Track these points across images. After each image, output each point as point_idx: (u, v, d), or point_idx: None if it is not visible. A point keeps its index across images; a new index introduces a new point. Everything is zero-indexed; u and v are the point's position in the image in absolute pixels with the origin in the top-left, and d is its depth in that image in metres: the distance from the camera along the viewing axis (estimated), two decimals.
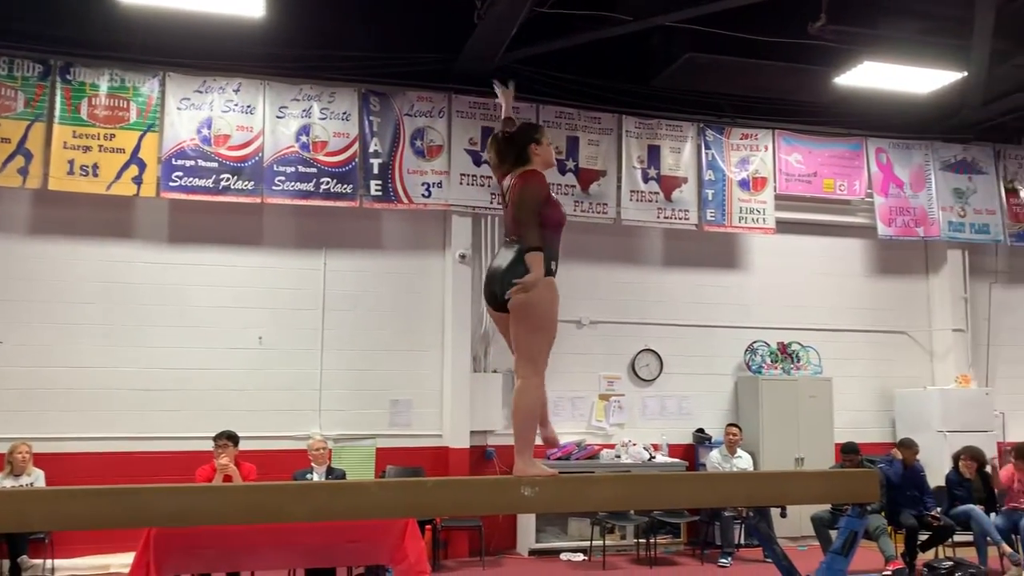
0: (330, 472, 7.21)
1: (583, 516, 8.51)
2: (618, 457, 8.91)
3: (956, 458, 8.34)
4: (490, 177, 8.82)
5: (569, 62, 9.00)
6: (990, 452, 8.90)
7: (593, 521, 8.35)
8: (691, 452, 9.42)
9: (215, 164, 8.10)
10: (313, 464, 7.18)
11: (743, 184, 9.63)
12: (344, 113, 8.51)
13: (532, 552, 8.54)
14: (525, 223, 3.69)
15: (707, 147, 9.59)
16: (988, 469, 8.31)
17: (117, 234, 8.19)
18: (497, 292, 3.77)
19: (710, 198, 9.51)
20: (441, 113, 8.80)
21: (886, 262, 10.43)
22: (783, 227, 9.76)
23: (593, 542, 8.35)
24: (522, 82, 8.87)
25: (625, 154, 9.29)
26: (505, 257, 3.78)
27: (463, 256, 8.80)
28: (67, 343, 7.94)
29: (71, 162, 7.76)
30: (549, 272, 3.74)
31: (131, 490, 3.49)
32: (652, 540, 8.37)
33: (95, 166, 7.81)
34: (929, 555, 7.95)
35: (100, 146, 7.85)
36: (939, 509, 7.98)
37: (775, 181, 9.72)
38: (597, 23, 8.36)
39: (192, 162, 8.05)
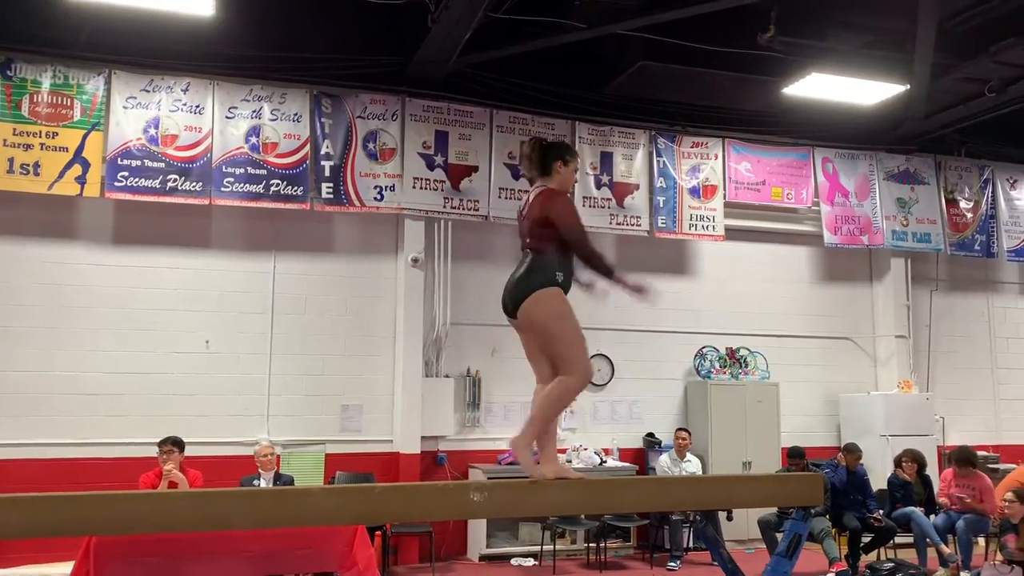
0: (278, 478, 7.12)
1: (534, 521, 8.53)
2: (569, 462, 8.92)
3: (898, 461, 8.54)
4: (443, 181, 8.82)
5: (523, 68, 9.03)
6: (930, 456, 9.13)
7: (544, 526, 8.36)
8: (641, 456, 9.50)
9: (162, 164, 7.94)
10: (260, 470, 7.08)
11: (693, 192, 9.76)
12: (295, 114, 8.41)
13: (483, 557, 8.52)
14: (579, 243, 4.02)
15: (659, 154, 9.70)
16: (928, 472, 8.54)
17: (59, 235, 7.98)
18: (507, 301, 4.05)
19: (661, 205, 9.61)
20: (394, 116, 8.75)
21: (832, 269, 10.65)
22: (732, 234, 9.90)
23: (543, 547, 8.36)
24: (476, 87, 8.98)
25: (579, 160, 9.33)
26: (519, 268, 4.05)
27: (415, 260, 8.76)
28: (5, 346, 7.71)
29: (11, 160, 7.53)
30: (556, 283, 3.94)
31: (70, 497, 3.41)
32: (602, 544, 8.41)
33: (36, 165, 7.60)
34: (872, 557, 8.12)
35: (42, 144, 7.65)
36: (881, 511, 8.16)
37: (725, 189, 9.86)
38: (551, 30, 8.41)
39: (138, 162, 7.88)
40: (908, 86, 9.04)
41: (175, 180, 7.95)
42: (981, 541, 8.36)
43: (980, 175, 11.03)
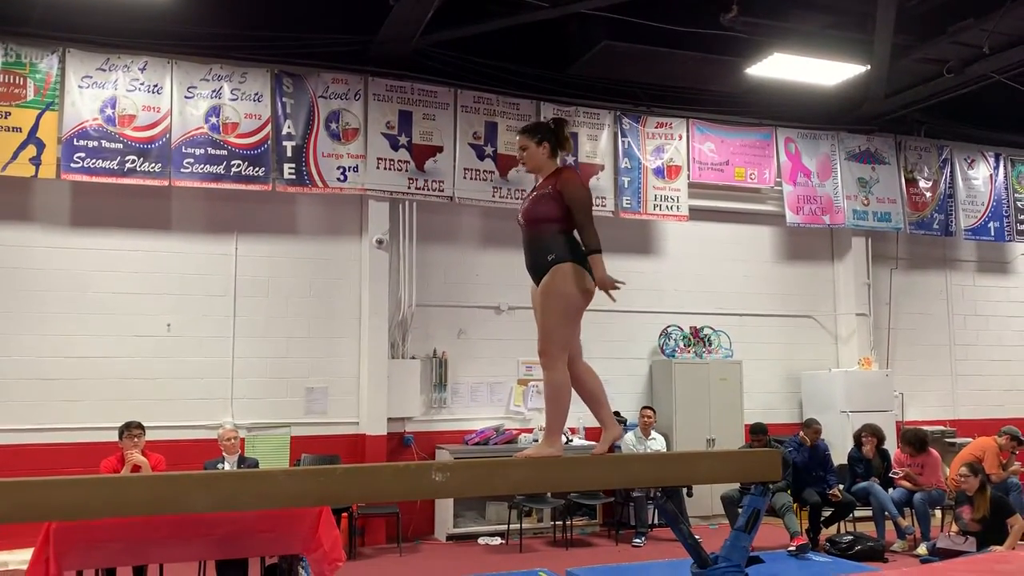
0: (242, 461, 7.06)
1: (501, 500, 8.57)
2: (536, 441, 8.97)
3: (858, 436, 8.67)
4: (407, 162, 8.77)
5: (487, 47, 8.98)
6: (889, 431, 9.31)
7: (511, 505, 8.42)
8: None
9: (120, 145, 7.80)
10: (224, 454, 7.01)
11: (658, 172, 9.80)
12: (256, 94, 8.30)
13: (450, 537, 8.56)
14: (583, 225, 4.04)
15: (623, 135, 9.72)
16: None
17: (14, 217, 7.82)
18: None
19: (626, 185, 9.64)
20: (357, 96, 8.67)
21: (794, 249, 10.77)
22: (696, 214, 9.97)
23: (510, 525, 8.42)
24: (439, 66, 8.92)
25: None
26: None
27: (380, 241, 8.71)
28: None
29: None
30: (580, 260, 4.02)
31: (26, 483, 3.36)
32: (568, 522, 8.50)
33: None
34: (832, 531, 8.28)
35: None
36: (841, 486, 8.31)
37: (689, 169, 9.91)
38: (514, 8, 8.36)
39: (95, 143, 7.74)
40: (869, 66, 9.12)
41: (133, 161, 7.82)
42: (938, 513, 8.56)
43: (939, 155, 11.19)
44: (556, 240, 4.05)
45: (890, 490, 8.30)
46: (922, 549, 7.68)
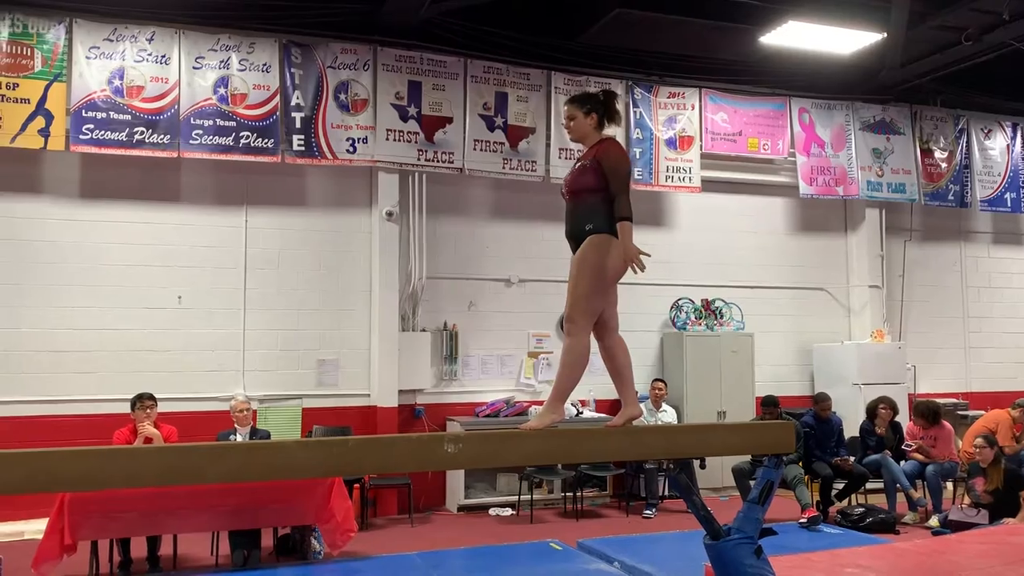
0: (254, 433, 7.08)
1: (511, 471, 8.60)
2: None
3: (873, 408, 8.58)
4: (417, 133, 8.70)
5: (497, 16, 8.86)
6: (902, 404, 9.27)
7: (521, 476, 8.44)
8: (618, 407, 9.49)
9: (128, 116, 7.76)
10: (236, 425, 7.04)
11: (670, 143, 9.69)
12: (264, 65, 8.23)
13: (461, 508, 8.60)
14: (617, 195, 4.00)
15: (635, 105, 9.61)
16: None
17: (24, 189, 7.81)
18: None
19: (638, 157, 9.55)
20: (366, 66, 8.58)
21: (807, 220, 10.67)
22: (708, 186, 9.87)
23: (521, 497, 8.45)
24: (449, 36, 8.81)
25: (554, 111, 9.23)
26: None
27: (390, 214, 8.67)
28: None
29: None
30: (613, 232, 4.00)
31: (39, 454, 3.36)
32: (579, 493, 8.51)
33: None
34: (844, 503, 8.27)
35: (2, 96, 7.43)
36: (852, 458, 8.28)
37: (701, 140, 9.80)
38: None
39: (103, 114, 7.70)
40: (885, 34, 8.96)
41: (142, 133, 7.78)
42: (950, 485, 8.54)
43: (955, 125, 11.04)
44: (595, 210, 4.02)
45: (902, 462, 8.28)
46: (934, 521, 7.67)
